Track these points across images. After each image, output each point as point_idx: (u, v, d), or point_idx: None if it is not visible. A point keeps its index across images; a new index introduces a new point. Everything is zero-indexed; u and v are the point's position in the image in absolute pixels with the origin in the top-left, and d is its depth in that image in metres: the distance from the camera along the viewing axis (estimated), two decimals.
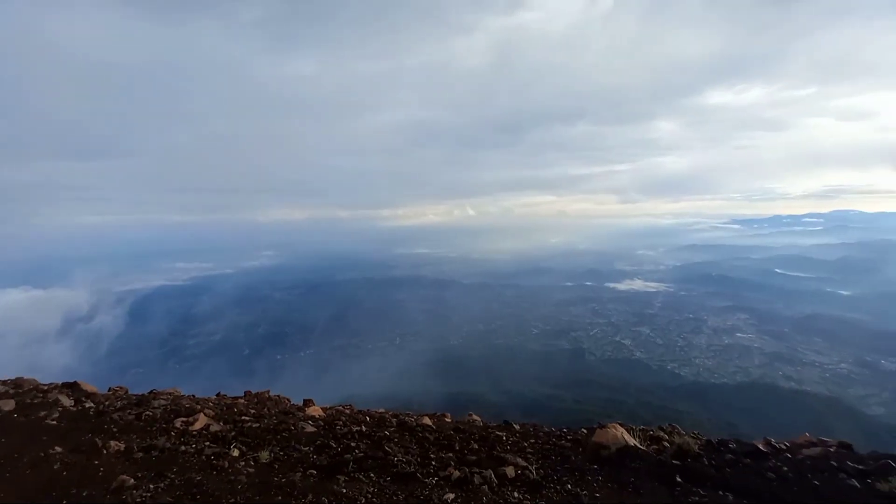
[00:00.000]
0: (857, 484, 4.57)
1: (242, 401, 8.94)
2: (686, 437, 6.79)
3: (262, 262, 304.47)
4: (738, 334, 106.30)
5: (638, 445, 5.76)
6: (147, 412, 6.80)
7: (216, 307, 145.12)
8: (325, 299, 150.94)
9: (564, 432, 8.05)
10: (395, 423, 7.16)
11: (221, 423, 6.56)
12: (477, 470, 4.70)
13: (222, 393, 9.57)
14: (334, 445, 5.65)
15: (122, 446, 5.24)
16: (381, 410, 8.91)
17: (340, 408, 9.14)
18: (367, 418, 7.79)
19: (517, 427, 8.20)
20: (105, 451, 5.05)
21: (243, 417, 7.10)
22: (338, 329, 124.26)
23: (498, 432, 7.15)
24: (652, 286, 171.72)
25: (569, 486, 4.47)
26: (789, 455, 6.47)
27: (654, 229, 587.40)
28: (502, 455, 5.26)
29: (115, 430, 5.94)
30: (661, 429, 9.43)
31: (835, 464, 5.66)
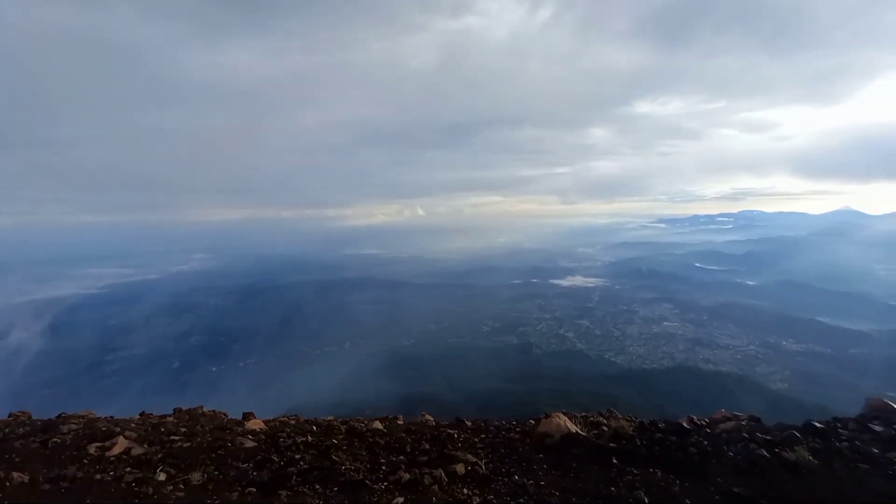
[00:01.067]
0: (766, 453, 5.15)
1: (171, 419, 8.17)
2: (621, 420, 7.32)
3: (193, 266, 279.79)
4: (665, 323, 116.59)
5: (579, 432, 6.09)
6: (54, 439, 5.99)
7: (139, 317, 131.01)
8: (267, 304, 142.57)
9: (513, 425, 8.29)
10: (343, 431, 6.93)
11: (145, 446, 5.94)
12: (427, 470, 4.70)
13: (147, 412, 8.68)
14: (277, 459, 5.34)
15: (26, 478, 4.62)
16: (330, 418, 8.59)
17: (285, 419, 8.69)
18: (314, 428, 7.46)
19: (469, 424, 8.31)
20: (7, 484, 4.45)
21: (172, 437, 6.49)
22: (282, 336, 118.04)
23: (450, 430, 7.20)
24: (591, 281, 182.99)
25: (516, 477, 4.63)
26: (709, 430, 7.18)
27: (592, 228, 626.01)
28: (453, 453, 5.30)
29: (17, 459, 5.24)
30: (600, 414, 10.05)
31: (746, 436, 6.36)
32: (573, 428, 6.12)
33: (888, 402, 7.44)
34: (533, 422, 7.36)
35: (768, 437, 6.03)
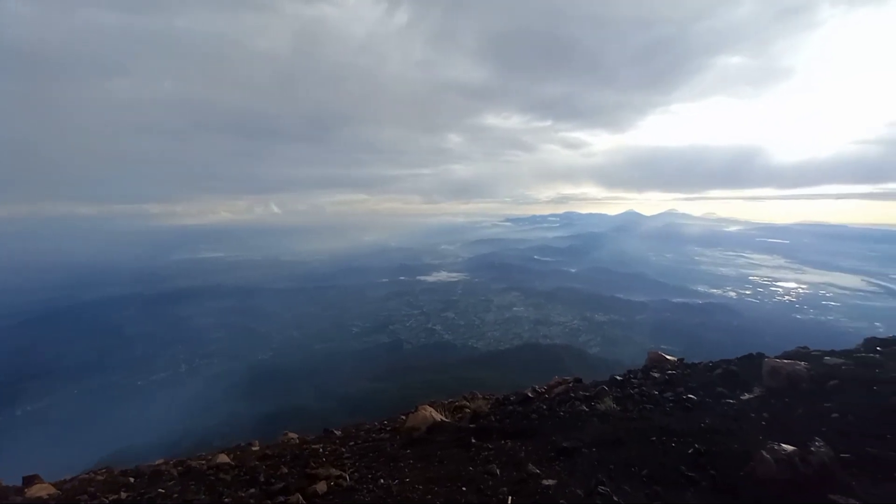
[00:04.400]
0: (585, 408, 6.30)
1: None
2: (479, 400, 8.03)
3: None
4: (514, 308, 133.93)
5: (444, 419, 6.41)
6: None
7: None
8: (64, 329, 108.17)
9: (385, 424, 8.22)
10: (176, 474, 5.73)
11: None
12: (282, 499, 4.22)
13: None
14: None
15: None
16: (159, 462, 7.02)
17: (90, 475, 6.73)
18: (132, 479, 5.97)
19: (338, 433, 7.90)
20: None
21: None
22: (90, 368, 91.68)
23: (315, 445, 6.71)
24: (454, 276, 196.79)
25: (381, 480, 4.53)
26: (546, 396, 8.41)
27: (452, 227, 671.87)
28: (315, 471, 4.90)
29: None
30: (464, 398, 10.80)
31: (572, 395, 7.65)
32: (438, 417, 6.41)
33: (662, 354, 9.98)
34: (403, 417, 7.43)
35: (587, 394, 7.41)
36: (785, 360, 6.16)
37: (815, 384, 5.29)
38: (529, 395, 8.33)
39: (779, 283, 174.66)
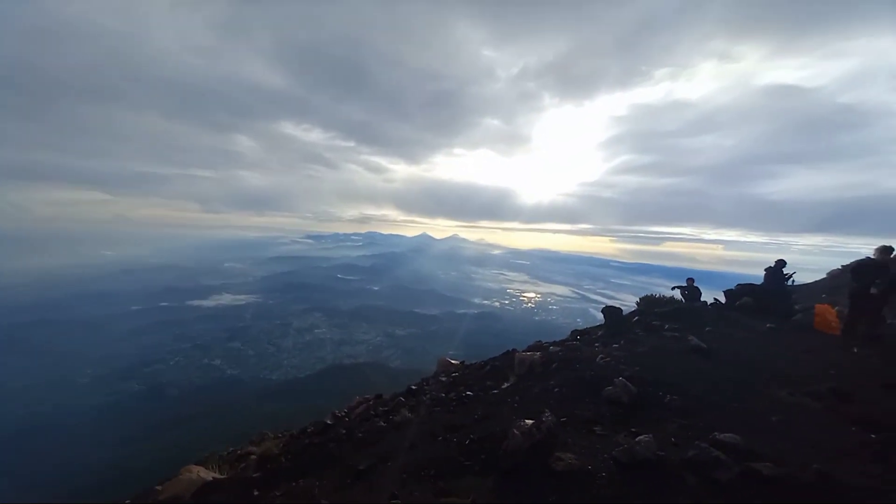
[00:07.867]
0: (383, 423, 6.45)
1: None
2: (269, 441, 7.08)
3: None
4: (316, 330, 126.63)
5: (217, 476, 5.30)
6: None
7: None
8: None
9: None
10: None
11: None
12: None
13: None
14: None
15: None
16: None
17: None
18: None
19: None
20: None
21: None
22: None
23: None
24: (242, 299, 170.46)
25: None
26: (347, 419, 8.20)
27: (242, 242, 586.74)
28: None
29: None
30: (252, 442, 9.32)
31: (372, 412, 7.70)
32: (209, 475, 5.25)
33: (448, 359, 11.26)
34: (159, 488, 5.76)
35: (386, 408, 7.63)
36: (527, 352, 8.06)
37: (545, 368, 7.11)
38: (329, 421, 7.95)
39: (524, 294, 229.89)
